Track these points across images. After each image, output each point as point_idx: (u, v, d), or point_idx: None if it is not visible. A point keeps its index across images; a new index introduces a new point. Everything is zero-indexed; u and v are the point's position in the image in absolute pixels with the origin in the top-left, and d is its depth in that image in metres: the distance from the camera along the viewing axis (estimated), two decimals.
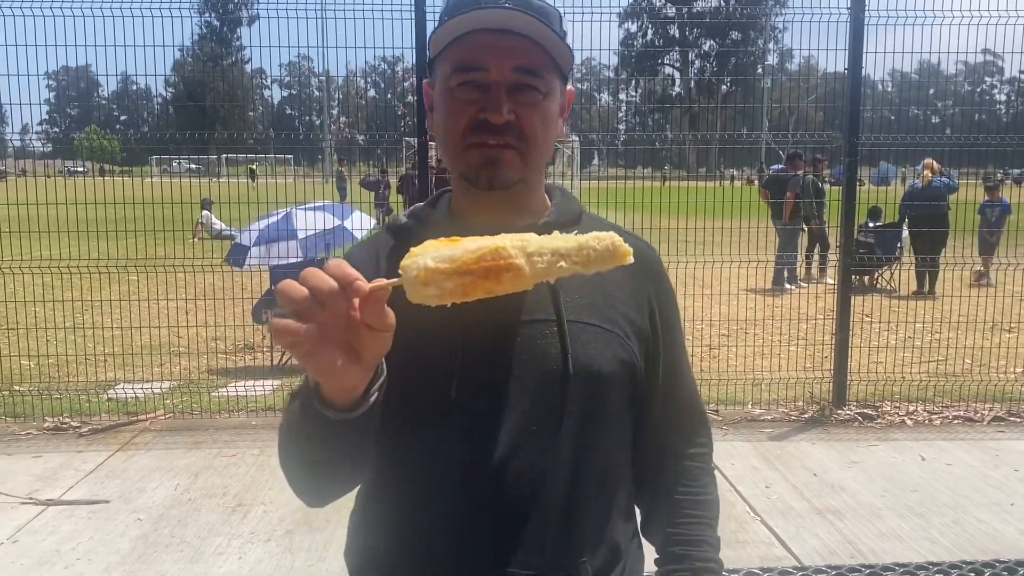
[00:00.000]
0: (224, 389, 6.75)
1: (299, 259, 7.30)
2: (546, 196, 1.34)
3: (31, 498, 4.68)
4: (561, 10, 1.24)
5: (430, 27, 5.82)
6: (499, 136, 1.16)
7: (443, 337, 1.16)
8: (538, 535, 1.17)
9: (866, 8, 5.95)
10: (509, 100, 1.15)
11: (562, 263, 0.91)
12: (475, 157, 1.18)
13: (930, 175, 11.33)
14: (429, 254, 0.88)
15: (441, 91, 1.20)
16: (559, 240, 0.92)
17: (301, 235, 7.43)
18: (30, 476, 5.03)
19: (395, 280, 0.89)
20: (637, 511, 1.38)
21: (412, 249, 0.88)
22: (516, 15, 1.13)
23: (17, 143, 9.95)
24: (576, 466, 1.20)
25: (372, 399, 1.00)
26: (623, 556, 1.29)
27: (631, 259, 0.94)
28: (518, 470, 1.17)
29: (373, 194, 17.22)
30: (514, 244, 0.89)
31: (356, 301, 0.87)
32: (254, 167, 17.66)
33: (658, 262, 1.38)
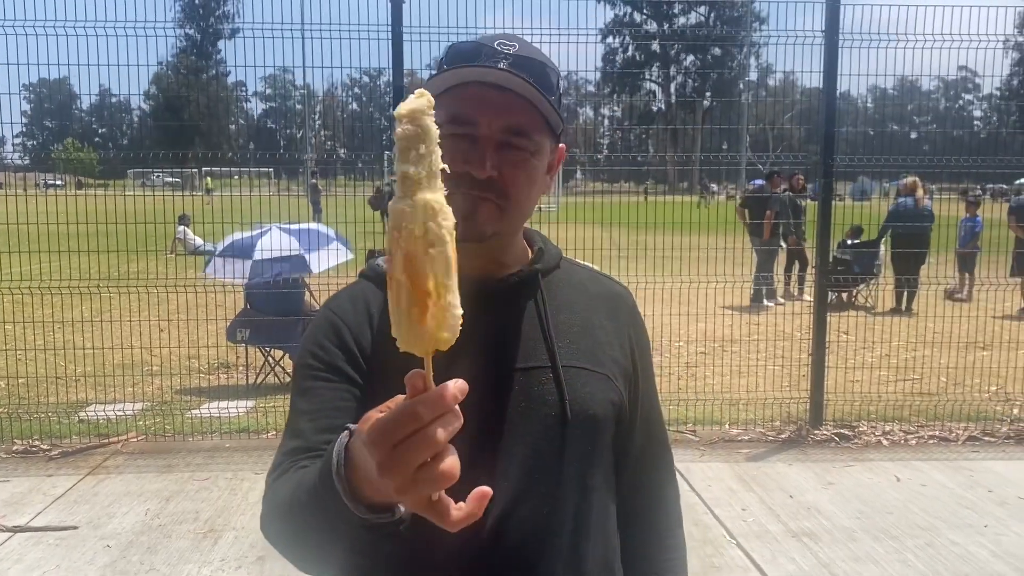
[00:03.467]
0: (197, 410, 6.67)
1: (266, 279, 7.17)
2: (526, 243, 1.34)
3: None
4: (543, 32, 1.24)
5: (407, 47, 5.84)
6: (480, 190, 1.15)
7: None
8: None
9: (840, 32, 6.00)
10: (495, 156, 1.15)
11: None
12: (452, 206, 1.15)
13: (923, 195, 11.41)
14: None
15: None
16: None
17: (256, 255, 7.27)
18: None
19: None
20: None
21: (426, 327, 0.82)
22: (511, 77, 1.13)
23: None
24: (578, 512, 1.21)
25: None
26: None
27: None
28: (523, 521, 1.16)
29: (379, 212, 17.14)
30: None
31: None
32: (209, 183, 17.48)
33: (633, 302, 1.41)
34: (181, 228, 15.66)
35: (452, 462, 0.77)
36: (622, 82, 60.55)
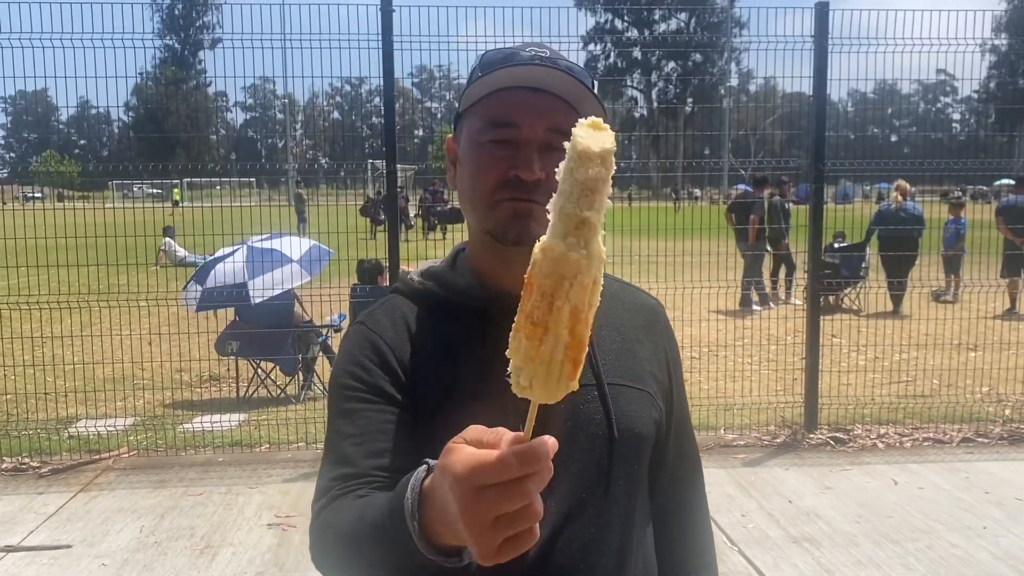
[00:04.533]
0: (189, 424, 6.60)
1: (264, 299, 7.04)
2: None
3: None
4: (526, 40, 1.25)
5: (397, 56, 5.81)
6: (529, 194, 1.14)
7: (491, 404, 1.11)
8: None
9: (830, 36, 6.03)
10: (539, 158, 1.14)
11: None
12: (505, 211, 1.15)
13: (901, 198, 11.52)
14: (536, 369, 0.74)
15: (470, 145, 1.18)
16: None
17: (208, 283, 7.17)
18: None
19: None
20: None
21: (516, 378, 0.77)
22: (550, 72, 1.12)
23: None
24: (623, 532, 1.20)
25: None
26: None
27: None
28: (570, 542, 1.15)
29: (368, 220, 16.99)
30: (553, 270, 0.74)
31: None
32: (176, 195, 17.34)
33: (666, 315, 1.40)
34: (167, 240, 15.54)
35: (536, 508, 0.74)
36: (604, 89, 60.73)
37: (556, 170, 1.13)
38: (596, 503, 1.17)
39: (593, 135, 0.75)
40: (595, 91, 1.17)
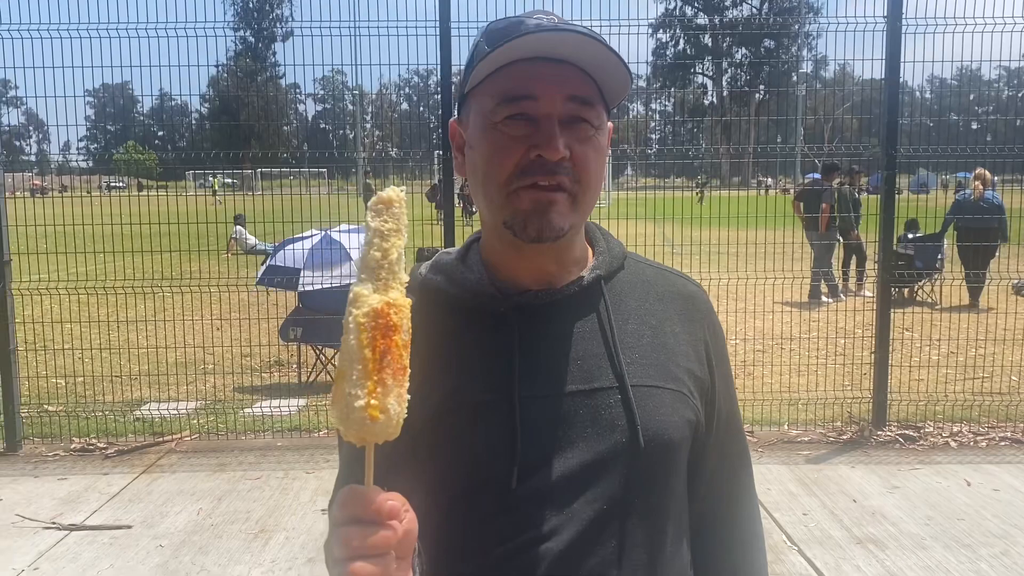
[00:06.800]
0: (251, 408, 6.71)
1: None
2: (586, 239, 1.20)
3: (54, 523, 4.65)
4: (593, 23, 1.14)
5: (455, 43, 5.77)
6: (552, 175, 1.02)
7: (498, 414, 1.05)
8: None
9: (903, 17, 5.77)
10: (562, 134, 1.02)
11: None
12: (524, 203, 1.03)
13: (981, 187, 11.02)
14: (351, 397, 0.88)
15: (482, 127, 1.06)
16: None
17: (276, 261, 7.42)
18: (55, 499, 5.01)
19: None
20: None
21: (332, 409, 0.89)
22: (563, 37, 1.00)
23: (59, 159, 10.14)
24: (651, 547, 1.08)
25: None
26: None
27: None
28: (589, 554, 1.04)
29: (433, 205, 17.16)
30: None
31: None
32: (216, 185, 17.56)
33: (707, 301, 1.25)
34: (237, 228, 15.87)
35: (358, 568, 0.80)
36: (673, 75, 59.79)
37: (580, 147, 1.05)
38: (619, 516, 1.06)
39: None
40: (615, 50, 1.03)
